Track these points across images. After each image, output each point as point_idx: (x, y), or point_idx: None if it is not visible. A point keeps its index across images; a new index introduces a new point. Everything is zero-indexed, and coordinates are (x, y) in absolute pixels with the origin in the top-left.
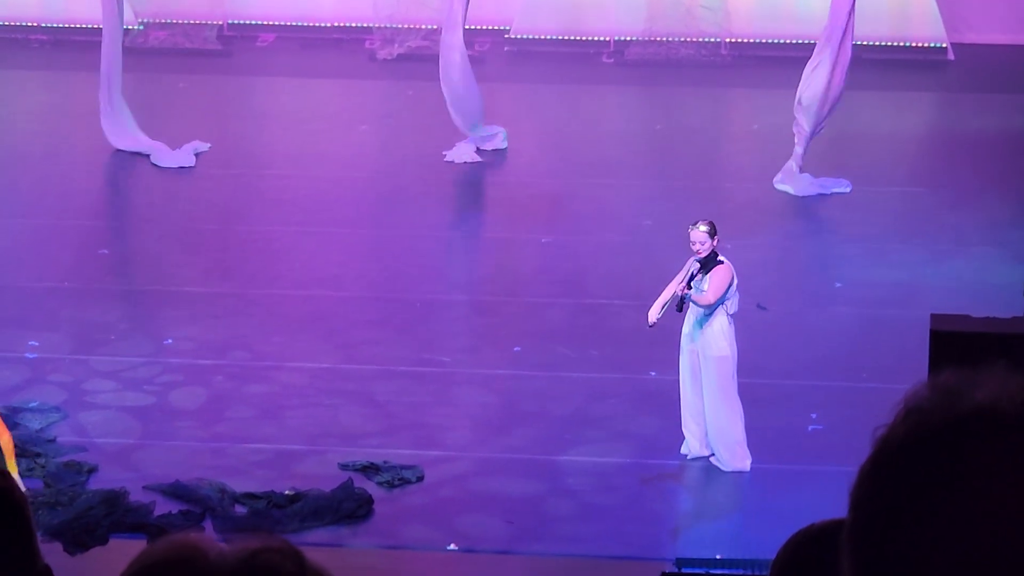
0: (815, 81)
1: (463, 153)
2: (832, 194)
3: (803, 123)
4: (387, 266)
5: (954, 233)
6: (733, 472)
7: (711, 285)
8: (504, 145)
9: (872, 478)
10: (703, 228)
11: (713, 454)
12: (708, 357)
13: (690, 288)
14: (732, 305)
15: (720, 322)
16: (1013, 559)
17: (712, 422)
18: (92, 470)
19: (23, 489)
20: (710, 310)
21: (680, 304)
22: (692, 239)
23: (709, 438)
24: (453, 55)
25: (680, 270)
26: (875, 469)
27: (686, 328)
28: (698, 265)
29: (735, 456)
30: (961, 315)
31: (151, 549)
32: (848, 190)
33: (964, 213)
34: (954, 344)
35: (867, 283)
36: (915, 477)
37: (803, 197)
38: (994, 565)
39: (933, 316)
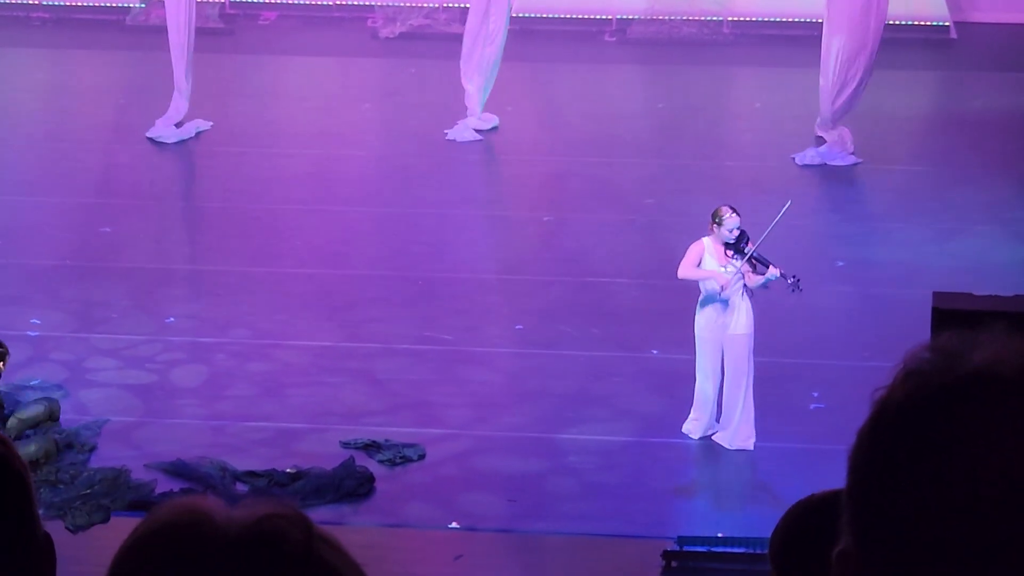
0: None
1: (464, 131)
2: (836, 165)
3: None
4: (389, 244)
5: (956, 212)
6: (735, 450)
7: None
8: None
9: (871, 440)
10: (736, 215)
11: (716, 432)
12: (733, 336)
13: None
14: (757, 283)
15: (742, 300)
16: (1011, 520)
17: (728, 400)
18: (92, 448)
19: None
20: (739, 289)
21: (799, 285)
22: (728, 227)
23: (722, 415)
24: None
25: (689, 251)
26: (874, 431)
27: (704, 310)
28: (748, 248)
29: (740, 434)
30: (963, 293)
31: (157, 512)
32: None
33: (966, 192)
34: (956, 322)
35: (869, 262)
36: (914, 439)
37: (805, 174)
38: (993, 526)
39: (935, 294)
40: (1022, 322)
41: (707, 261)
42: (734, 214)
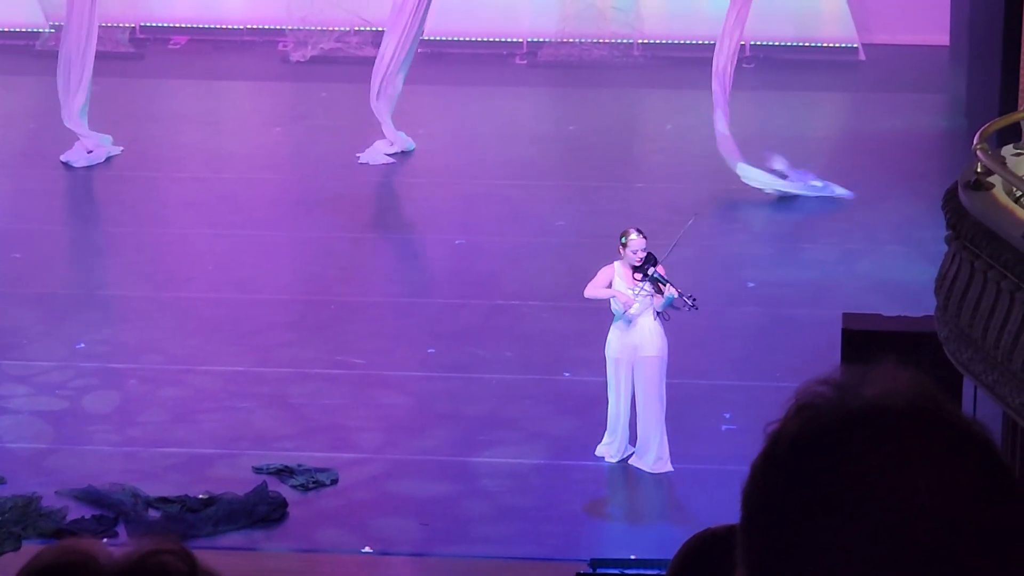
0: None
1: (377, 155)
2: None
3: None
4: (300, 268)
5: (865, 232)
6: (647, 472)
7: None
8: (411, 146)
9: (764, 474)
10: (641, 236)
11: (632, 455)
12: (643, 358)
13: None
14: (660, 303)
15: (653, 323)
16: (903, 551)
17: (643, 423)
18: (1, 482)
19: None
20: (644, 310)
21: (695, 304)
22: (633, 248)
23: (638, 438)
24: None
25: (599, 274)
26: (767, 465)
27: (615, 332)
28: (651, 269)
29: (659, 458)
30: (872, 314)
31: (41, 554)
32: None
33: (875, 212)
34: (866, 342)
35: (779, 283)
36: (807, 472)
37: (715, 196)
38: (884, 558)
39: (845, 315)
40: (930, 341)
41: (617, 284)
42: (640, 236)
